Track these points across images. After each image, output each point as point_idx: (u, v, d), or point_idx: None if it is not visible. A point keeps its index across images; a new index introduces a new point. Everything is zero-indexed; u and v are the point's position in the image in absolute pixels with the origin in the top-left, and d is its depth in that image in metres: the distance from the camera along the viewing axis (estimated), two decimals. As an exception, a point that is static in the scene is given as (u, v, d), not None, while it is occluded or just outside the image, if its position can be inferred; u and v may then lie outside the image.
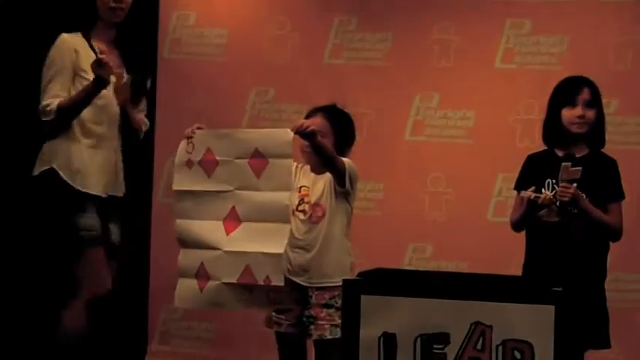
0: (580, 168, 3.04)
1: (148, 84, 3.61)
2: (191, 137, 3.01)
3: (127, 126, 3.51)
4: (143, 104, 3.59)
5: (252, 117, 4.65)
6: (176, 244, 3.09)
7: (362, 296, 2.48)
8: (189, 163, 3.01)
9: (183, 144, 3.04)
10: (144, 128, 3.60)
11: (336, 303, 3.04)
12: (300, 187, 3.17)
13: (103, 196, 3.41)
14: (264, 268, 2.81)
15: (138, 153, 3.70)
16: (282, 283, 2.82)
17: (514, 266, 3.31)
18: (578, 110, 3.16)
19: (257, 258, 2.83)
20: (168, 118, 4.67)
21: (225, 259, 2.90)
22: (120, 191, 3.53)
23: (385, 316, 2.46)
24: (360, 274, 2.67)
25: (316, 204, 3.13)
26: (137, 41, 4.67)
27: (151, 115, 4.71)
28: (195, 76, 4.68)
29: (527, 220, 3.18)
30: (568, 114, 3.17)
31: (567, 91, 3.19)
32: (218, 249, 2.92)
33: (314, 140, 2.93)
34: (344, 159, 3.10)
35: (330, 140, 3.11)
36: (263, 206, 2.85)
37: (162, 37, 4.72)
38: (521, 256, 3.26)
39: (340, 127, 3.19)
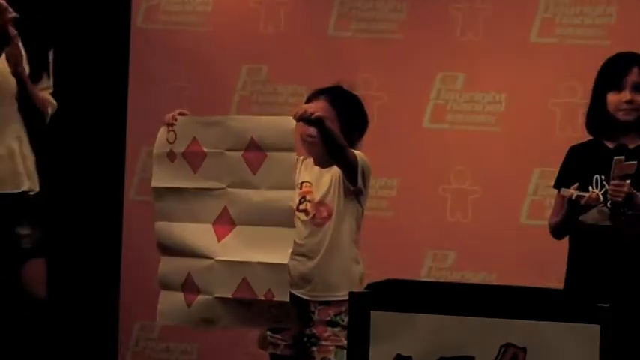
0: (635, 162, 3.03)
1: (51, 56, 3.46)
2: (172, 125, 3.01)
3: (28, 107, 3.36)
4: (47, 82, 3.45)
5: (243, 99, 4.65)
6: (152, 250, 3.09)
7: (372, 312, 2.49)
8: (170, 156, 3.02)
9: (163, 132, 3.04)
10: (50, 110, 3.46)
11: (343, 320, 3.04)
12: (302, 183, 3.16)
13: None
14: (265, 280, 2.82)
15: (45, 140, 3.54)
16: (287, 299, 2.82)
17: (553, 278, 3.32)
18: (625, 94, 3.15)
19: (256, 269, 2.84)
20: (143, 99, 4.68)
21: (217, 270, 2.90)
22: (28, 186, 3.39)
23: (399, 336, 2.46)
24: (369, 286, 2.68)
25: (321, 203, 3.14)
26: (106, 7, 4.71)
27: (122, 95, 4.77)
28: (175, 49, 4.69)
29: (568, 224, 3.17)
30: (614, 99, 3.16)
31: (613, 71, 3.19)
32: (208, 257, 2.93)
33: (323, 127, 2.93)
34: (355, 152, 3.11)
35: (335, 129, 3.10)
36: (261, 207, 2.86)
37: (136, 3, 4.73)
38: (561, 266, 3.27)
39: (347, 113, 3.19)
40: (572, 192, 3.05)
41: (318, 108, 2.99)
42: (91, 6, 4.67)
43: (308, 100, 3.18)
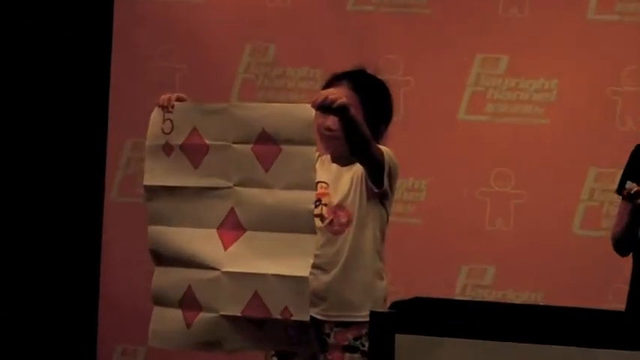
0: None
1: None
2: (168, 108, 3.01)
3: None
4: None
5: (246, 83, 4.67)
6: (138, 261, 3.11)
7: (397, 335, 2.50)
8: (166, 149, 3.04)
9: (156, 118, 3.04)
10: None
11: (363, 345, 3.06)
12: (317, 184, 3.16)
13: None
14: (281, 296, 2.82)
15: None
16: (307, 318, 2.82)
17: (613, 298, 3.32)
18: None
19: (270, 283, 2.84)
20: (128, 82, 4.70)
21: (223, 283, 2.91)
22: None
23: (429, 365, 2.48)
24: (393, 305, 2.69)
25: (339, 207, 3.15)
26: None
27: (103, 78, 4.78)
28: (166, 24, 4.71)
29: (630, 232, 3.17)
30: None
31: None
32: (213, 268, 2.93)
33: (347, 116, 2.94)
34: (381, 147, 3.11)
35: (359, 120, 3.10)
36: (275, 210, 2.87)
37: (120, -30, 4.77)
38: (622, 285, 3.27)
39: (373, 102, 3.20)
40: (633, 185, 3.03)
41: (341, 94, 2.99)
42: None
43: (327, 86, 3.19)
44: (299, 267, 2.80)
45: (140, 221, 3.16)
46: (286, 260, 2.82)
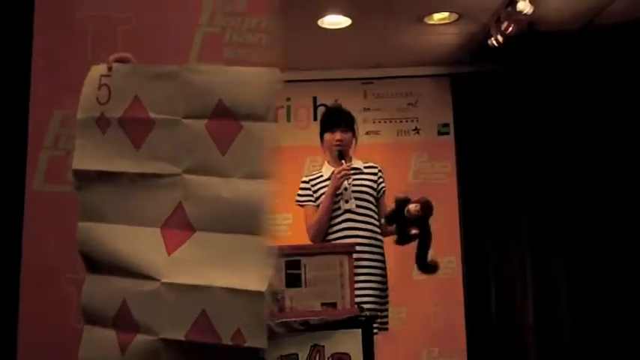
0: None
1: None
2: (106, 67, 3.04)
3: None
4: None
5: (209, 39, 4.71)
6: (67, 268, 3.11)
7: None
8: (102, 123, 3.07)
9: (92, 80, 3.06)
10: None
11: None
12: None
13: None
14: (232, 315, 2.86)
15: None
16: (264, 345, 2.85)
17: None
18: None
19: (221, 298, 2.87)
20: (56, 38, 4.72)
21: (164, 298, 2.95)
22: None
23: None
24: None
25: None
26: None
27: (25, 33, 4.77)
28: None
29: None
30: None
31: None
32: (152, 278, 2.97)
33: None
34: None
35: None
36: (231, 205, 2.90)
37: None
38: None
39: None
40: None
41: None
42: None
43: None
44: (255, 279, 2.84)
45: (71, 216, 3.17)
46: (240, 270, 2.87)
